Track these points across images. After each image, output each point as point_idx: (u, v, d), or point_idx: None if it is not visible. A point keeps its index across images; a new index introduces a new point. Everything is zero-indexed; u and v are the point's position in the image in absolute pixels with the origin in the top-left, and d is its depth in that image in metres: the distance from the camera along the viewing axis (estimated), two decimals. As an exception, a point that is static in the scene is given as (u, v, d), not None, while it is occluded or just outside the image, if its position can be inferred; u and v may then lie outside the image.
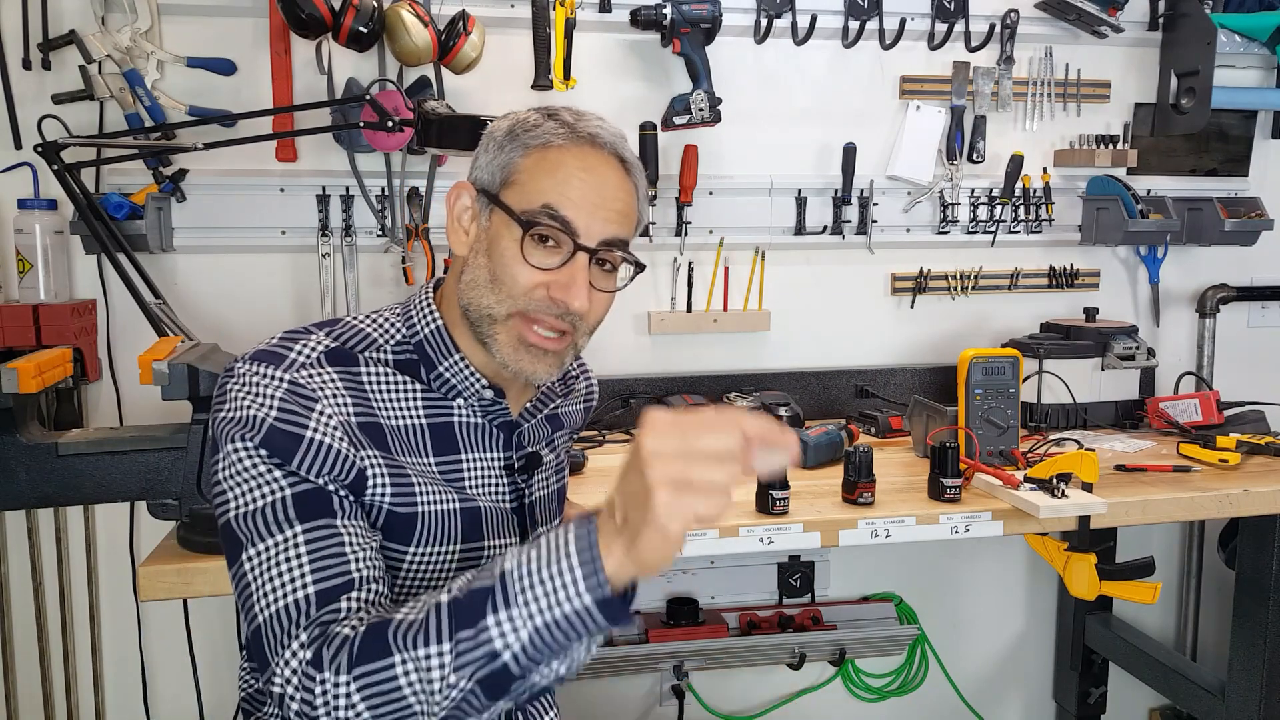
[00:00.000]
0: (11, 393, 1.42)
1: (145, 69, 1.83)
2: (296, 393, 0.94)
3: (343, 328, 1.03)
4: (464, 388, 1.05)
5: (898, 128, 2.20)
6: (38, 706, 1.94)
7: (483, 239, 1.02)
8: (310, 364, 0.97)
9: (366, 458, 0.96)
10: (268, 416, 0.92)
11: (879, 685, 2.36)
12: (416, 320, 1.05)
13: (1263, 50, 2.30)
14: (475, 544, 1.05)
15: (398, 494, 0.98)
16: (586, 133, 1.01)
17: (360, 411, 0.98)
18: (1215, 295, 2.35)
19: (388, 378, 1.02)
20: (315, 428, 0.93)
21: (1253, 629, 1.87)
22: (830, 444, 1.82)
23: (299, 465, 0.92)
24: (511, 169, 1.00)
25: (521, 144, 1.00)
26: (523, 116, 1.03)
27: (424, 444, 1.02)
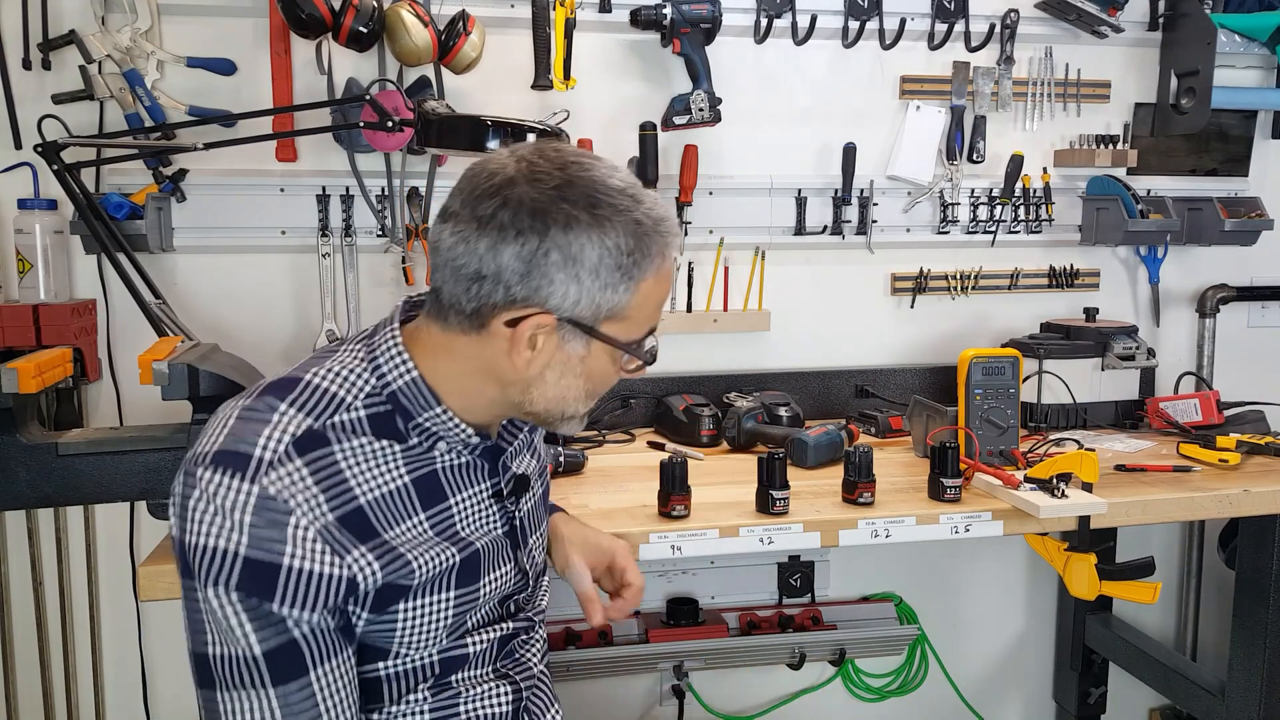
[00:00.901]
0: (11, 393, 1.42)
1: (145, 69, 1.83)
2: (267, 508, 0.86)
3: (306, 392, 0.94)
4: (446, 435, 1.00)
5: (898, 128, 2.20)
6: (38, 706, 1.94)
7: (572, 363, 0.97)
8: (278, 461, 0.88)
9: (354, 561, 0.91)
10: (239, 548, 0.85)
11: (879, 685, 2.36)
12: (386, 370, 0.98)
13: (1263, 50, 2.29)
14: (472, 586, 1.03)
15: (391, 573, 0.94)
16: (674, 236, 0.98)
17: (339, 504, 0.91)
18: (1215, 295, 2.35)
19: (364, 449, 0.94)
20: (293, 551, 0.87)
21: (1253, 629, 1.87)
22: (830, 444, 1.82)
23: (279, 603, 0.86)
24: (622, 307, 0.95)
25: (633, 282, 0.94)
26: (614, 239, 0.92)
27: (411, 504, 0.97)
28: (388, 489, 0.95)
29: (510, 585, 1.10)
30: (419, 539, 0.97)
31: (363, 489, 0.93)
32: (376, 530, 0.94)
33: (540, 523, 1.19)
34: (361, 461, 0.94)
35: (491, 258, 0.91)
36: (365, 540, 0.92)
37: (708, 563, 2.18)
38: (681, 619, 2.14)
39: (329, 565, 0.89)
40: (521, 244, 0.90)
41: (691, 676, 2.19)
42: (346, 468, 0.93)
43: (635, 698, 2.23)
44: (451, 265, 0.93)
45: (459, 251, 0.92)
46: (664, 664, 2.10)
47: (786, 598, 2.23)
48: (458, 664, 1.06)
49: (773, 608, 2.22)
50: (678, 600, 2.16)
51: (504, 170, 0.93)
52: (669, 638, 2.09)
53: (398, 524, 0.96)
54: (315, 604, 0.89)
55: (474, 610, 1.05)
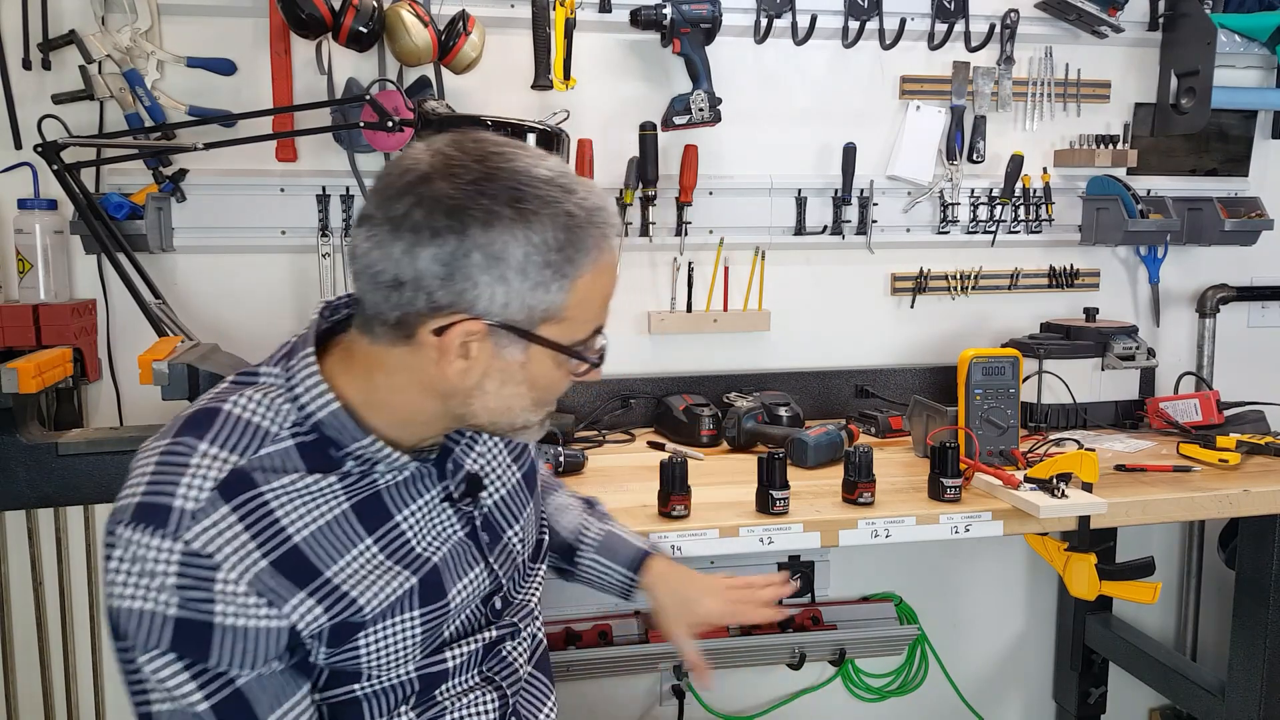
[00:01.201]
0: (11, 393, 1.42)
1: (145, 69, 1.83)
2: (192, 564, 0.81)
3: (226, 427, 0.88)
4: (379, 459, 0.93)
5: (898, 128, 2.20)
6: (38, 706, 1.94)
7: (513, 371, 0.90)
8: (201, 511, 0.82)
9: (292, 609, 0.86)
10: (166, 611, 0.81)
11: (879, 685, 2.36)
12: (305, 400, 0.90)
13: (1263, 50, 2.29)
14: (438, 604, 0.98)
15: (339, 614, 0.90)
16: (610, 223, 0.90)
17: (272, 547, 0.85)
18: (1215, 295, 2.35)
19: (294, 485, 0.88)
20: (224, 608, 0.82)
21: (1253, 629, 1.87)
22: (830, 444, 1.82)
23: (216, 662, 0.83)
24: (558, 307, 0.87)
25: (567, 279, 0.86)
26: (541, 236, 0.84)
27: (354, 531, 0.91)
28: (325, 520, 0.90)
29: (485, 587, 1.05)
30: (368, 567, 0.92)
31: (297, 526, 0.87)
32: (317, 568, 0.88)
33: (522, 508, 1.10)
34: (295, 498, 0.88)
35: (409, 262, 0.83)
36: (305, 583, 0.87)
37: (708, 563, 2.16)
38: (681, 619, 2.13)
39: (264, 620, 0.85)
40: (439, 245, 0.82)
41: (691, 676, 2.18)
42: (279, 506, 0.87)
43: (635, 698, 2.23)
44: (369, 273, 0.86)
45: (374, 257, 0.85)
46: (664, 664, 2.10)
47: (786, 598, 2.23)
48: (439, 679, 1.02)
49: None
50: (678, 600, 2.16)
51: (417, 166, 0.85)
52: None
53: (342, 555, 0.90)
54: (255, 660, 0.85)
55: (447, 623, 1.00)
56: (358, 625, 0.91)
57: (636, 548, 1.29)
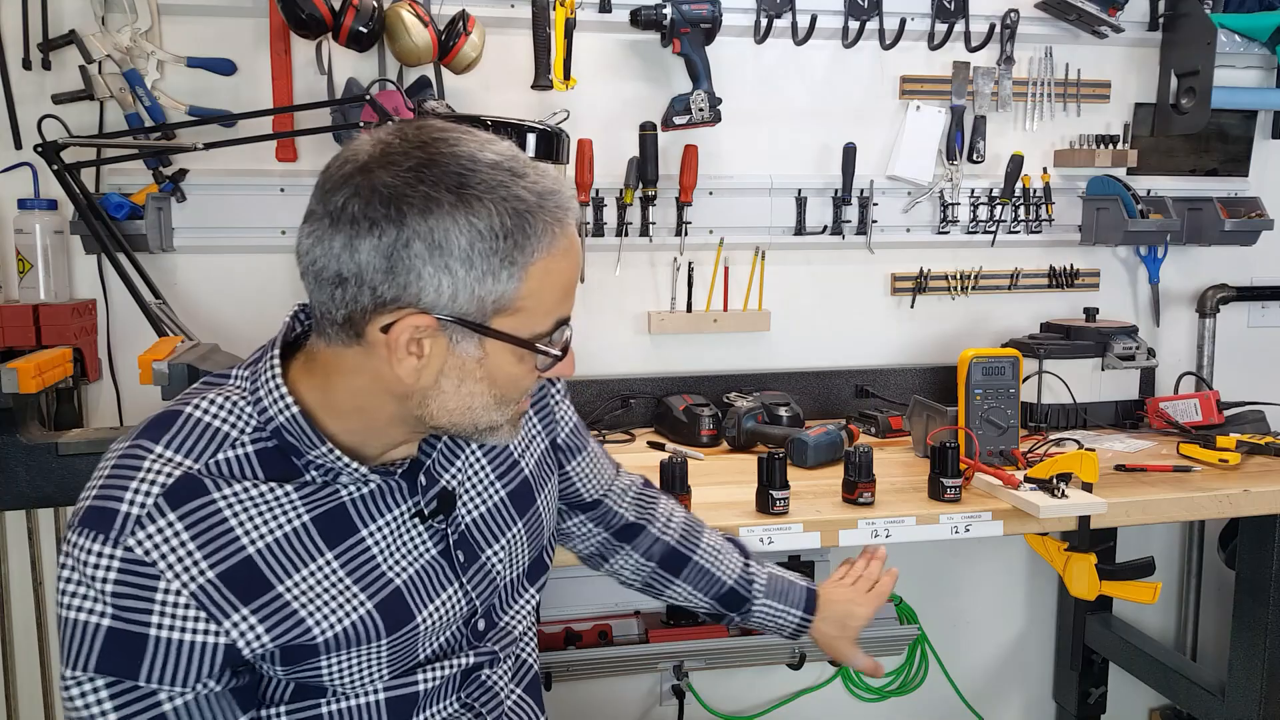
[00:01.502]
0: (11, 393, 1.42)
1: (145, 69, 1.83)
2: (132, 573, 0.79)
3: (185, 429, 0.85)
4: (340, 471, 0.89)
5: (898, 128, 2.20)
6: (38, 706, 1.94)
7: (470, 368, 0.85)
8: (147, 517, 0.80)
9: (233, 626, 0.83)
10: (101, 622, 0.79)
11: (879, 685, 2.36)
12: (266, 404, 0.87)
13: (1263, 50, 2.29)
14: (407, 628, 0.93)
15: (286, 632, 0.86)
16: (567, 207, 0.86)
17: (220, 558, 0.82)
18: (1215, 295, 2.35)
19: (249, 493, 0.85)
20: (160, 621, 0.79)
21: (1253, 629, 1.87)
22: (830, 444, 1.82)
23: (147, 677, 0.80)
24: (511, 297, 0.83)
25: (517, 267, 0.82)
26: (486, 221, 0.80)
27: (313, 545, 0.87)
28: (282, 532, 0.86)
29: (462, 609, 0.99)
30: (324, 584, 0.88)
31: (251, 536, 0.84)
32: (269, 582, 0.84)
33: (506, 527, 1.04)
34: (250, 507, 0.84)
35: (349, 256, 0.80)
36: (252, 598, 0.84)
37: (708, 563, 2.17)
38: (682, 619, 2.13)
39: (202, 635, 0.81)
40: (378, 236, 0.79)
41: (691, 676, 2.19)
42: (231, 514, 0.83)
43: (635, 698, 2.23)
44: (312, 270, 0.83)
45: (316, 254, 0.81)
46: (664, 664, 2.09)
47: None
48: (410, 703, 0.97)
49: (773, 608, 2.22)
50: (678, 600, 2.16)
51: (357, 157, 0.82)
52: (669, 638, 2.09)
53: (297, 569, 0.86)
54: (187, 678, 0.81)
55: (420, 644, 0.95)
56: (310, 649, 0.87)
57: (802, 587, 1.32)
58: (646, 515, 1.32)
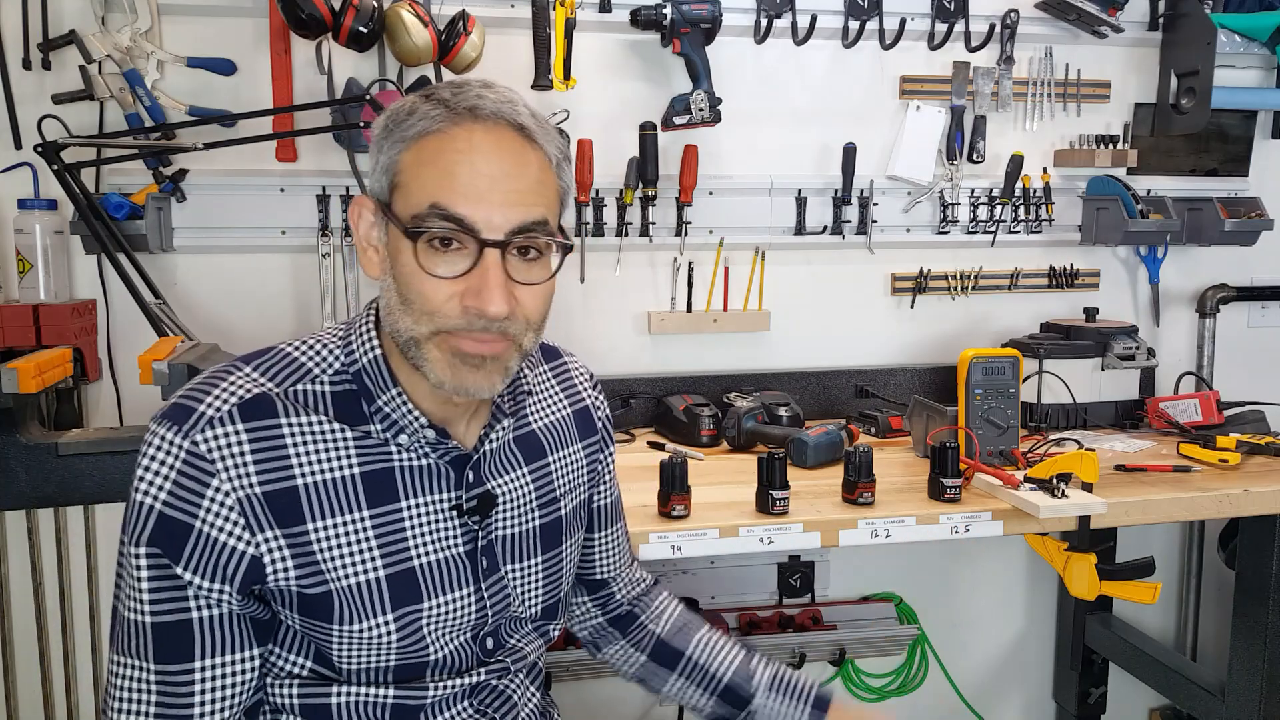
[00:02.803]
0: (11, 393, 1.42)
1: (145, 69, 1.83)
2: (192, 465, 0.85)
3: (275, 358, 0.93)
4: (405, 424, 0.93)
5: (898, 128, 2.20)
6: (38, 706, 1.94)
7: (384, 256, 0.91)
8: (218, 419, 0.86)
9: (264, 542, 0.87)
10: (155, 503, 0.85)
11: (879, 685, 2.36)
12: (355, 347, 0.94)
13: (1263, 50, 2.29)
14: (412, 607, 0.94)
15: (304, 575, 0.89)
16: (464, 107, 0.86)
17: (270, 478, 0.87)
18: (1215, 295, 2.35)
19: (314, 427, 0.90)
20: (205, 516, 0.85)
21: (1253, 629, 1.87)
22: (830, 444, 1.82)
23: (185, 567, 0.85)
24: (394, 170, 0.88)
25: (398, 138, 0.87)
26: (398, 105, 0.90)
27: (355, 498, 0.91)
28: (333, 476, 0.90)
29: (472, 615, 0.99)
30: (349, 538, 0.91)
31: (304, 470, 0.89)
32: (304, 517, 0.89)
33: (532, 554, 1.05)
34: (310, 441, 0.90)
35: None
36: (284, 525, 0.88)
37: (708, 563, 2.18)
38: (681, 619, 2.13)
39: (236, 539, 0.86)
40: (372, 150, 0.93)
41: None
42: (291, 444, 0.89)
43: (635, 698, 2.23)
44: None
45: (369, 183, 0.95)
46: (664, 664, 2.09)
47: (786, 598, 2.23)
48: (418, 709, 0.98)
49: (773, 608, 2.22)
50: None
51: None
52: (669, 638, 2.09)
53: (332, 515, 0.90)
54: (219, 576, 0.86)
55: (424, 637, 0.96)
56: (324, 600, 0.90)
57: (811, 682, 1.20)
58: (640, 605, 1.29)
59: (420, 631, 0.96)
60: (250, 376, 0.90)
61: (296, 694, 0.96)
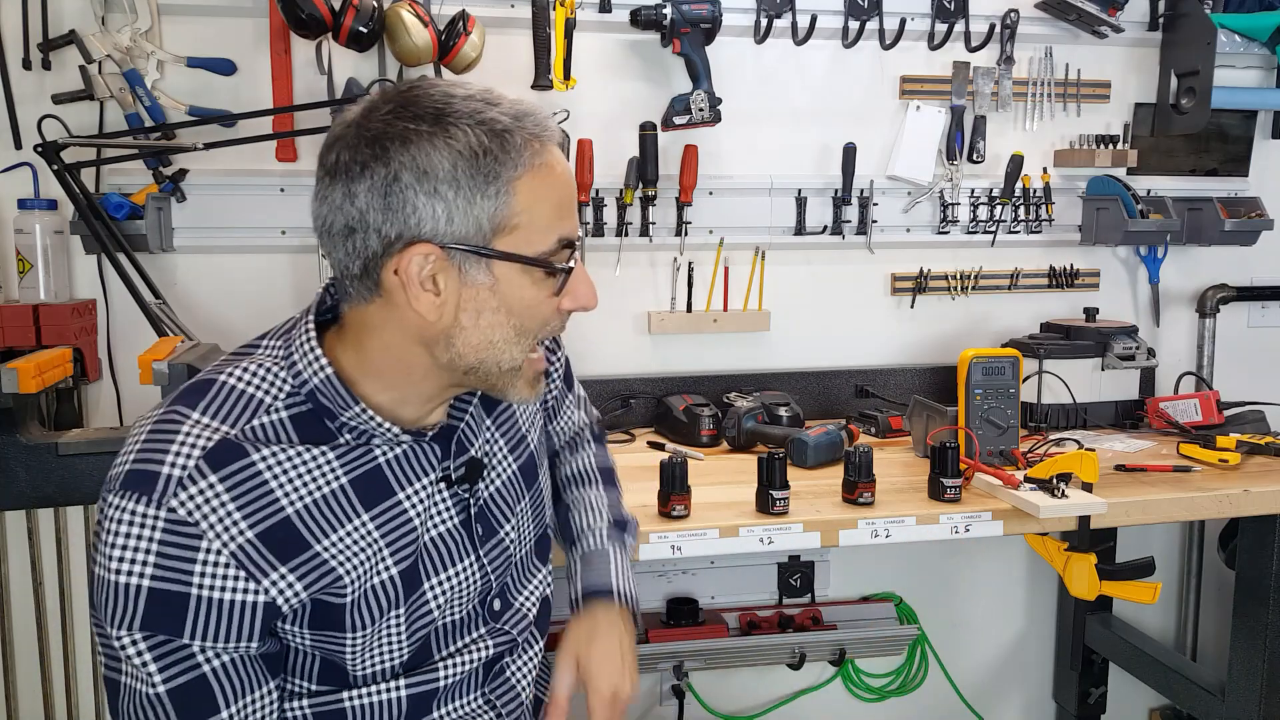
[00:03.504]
0: (11, 393, 1.42)
1: (145, 69, 1.83)
2: (175, 533, 0.81)
3: (219, 395, 0.87)
4: (374, 433, 0.92)
5: (898, 128, 2.20)
6: (38, 706, 1.94)
7: (484, 297, 0.87)
8: (189, 479, 0.81)
9: (272, 585, 0.85)
10: (142, 581, 0.80)
11: (879, 685, 2.36)
12: (301, 367, 0.90)
13: (1263, 50, 2.29)
14: (417, 591, 0.95)
15: (320, 591, 0.88)
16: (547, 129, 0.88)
17: (259, 519, 0.84)
18: (1215, 295, 2.35)
19: (287, 456, 0.87)
20: (201, 581, 0.82)
21: (1253, 629, 1.87)
22: (830, 444, 1.82)
23: (190, 635, 0.82)
24: (505, 214, 0.85)
25: (503, 181, 0.85)
26: (464, 141, 0.83)
27: (351, 506, 0.90)
28: (321, 494, 0.88)
29: (475, 583, 1.01)
30: (360, 544, 0.90)
31: (290, 498, 0.86)
32: (307, 542, 0.87)
33: (517, 500, 1.07)
34: (289, 469, 0.87)
35: (349, 204, 0.84)
36: (290, 557, 0.86)
37: (708, 563, 2.18)
38: (681, 619, 2.13)
39: (243, 593, 0.83)
40: (370, 177, 0.83)
41: (691, 676, 2.19)
42: (271, 477, 0.86)
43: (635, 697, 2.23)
44: (324, 230, 0.87)
45: (323, 212, 0.87)
46: (664, 664, 2.09)
47: (786, 598, 2.23)
48: (430, 698, 0.99)
49: (773, 608, 2.22)
50: (678, 600, 2.16)
51: (345, 119, 0.88)
52: (669, 638, 2.09)
53: (335, 529, 0.89)
54: (229, 634, 0.84)
55: (433, 615, 0.97)
56: (338, 606, 0.89)
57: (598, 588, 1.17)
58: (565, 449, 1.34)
59: (430, 615, 0.97)
60: (202, 423, 0.85)
61: (308, 705, 0.95)
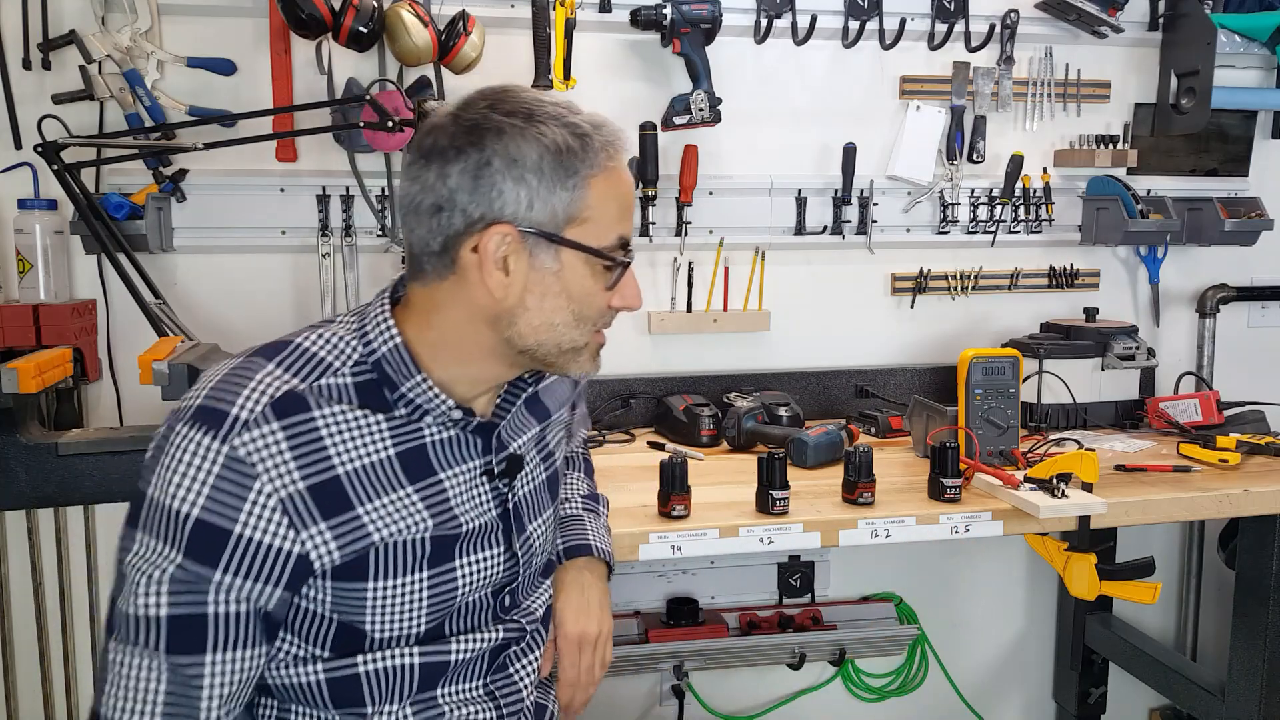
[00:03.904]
0: (11, 393, 1.42)
1: (145, 69, 1.83)
2: (233, 469, 0.85)
3: (294, 353, 0.94)
4: (430, 408, 0.97)
5: (898, 128, 2.20)
6: (38, 706, 1.94)
7: (549, 281, 0.95)
8: (254, 421, 0.87)
9: (310, 538, 0.89)
10: (193, 509, 0.85)
11: (879, 685, 2.36)
12: (372, 337, 0.97)
13: (1263, 50, 2.29)
14: (446, 565, 0.99)
15: (349, 547, 0.92)
16: (619, 141, 0.98)
17: (311, 473, 0.89)
18: (1215, 295, 2.35)
19: (346, 417, 0.93)
20: (246, 520, 0.86)
21: (1253, 629, 1.87)
22: (830, 444, 1.82)
23: (223, 569, 0.86)
24: (578, 206, 0.94)
25: (581, 177, 0.93)
26: (551, 137, 0.93)
27: (397, 477, 0.95)
28: (371, 460, 0.94)
29: (501, 572, 1.06)
30: (401, 510, 0.95)
31: (342, 459, 0.92)
32: (351, 503, 0.92)
33: (543, 509, 1.13)
34: (344, 430, 0.92)
35: (441, 184, 0.93)
36: (333, 515, 0.90)
37: (708, 563, 2.18)
38: (681, 619, 2.14)
39: (282, 539, 0.87)
40: (464, 160, 0.92)
41: (691, 676, 2.19)
42: (327, 435, 0.91)
43: (635, 698, 2.23)
44: (411, 206, 0.95)
45: (414, 190, 0.95)
46: (664, 664, 2.10)
47: (786, 598, 2.23)
48: (440, 672, 1.02)
49: (773, 608, 2.22)
50: (678, 600, 2.16)
51: (441, 111, 0.98)
52: (669, 638, 2.09)
53: (379, 496, 0.93)
54: (257, 577, 0.87)
55: (456, 594, 1.01)
56: (360, 562, 0.92)
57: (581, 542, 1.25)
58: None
59: (454, 592, 1.01)
60: (275, 374, 0.91)
61: (322, 670, 0.97)
